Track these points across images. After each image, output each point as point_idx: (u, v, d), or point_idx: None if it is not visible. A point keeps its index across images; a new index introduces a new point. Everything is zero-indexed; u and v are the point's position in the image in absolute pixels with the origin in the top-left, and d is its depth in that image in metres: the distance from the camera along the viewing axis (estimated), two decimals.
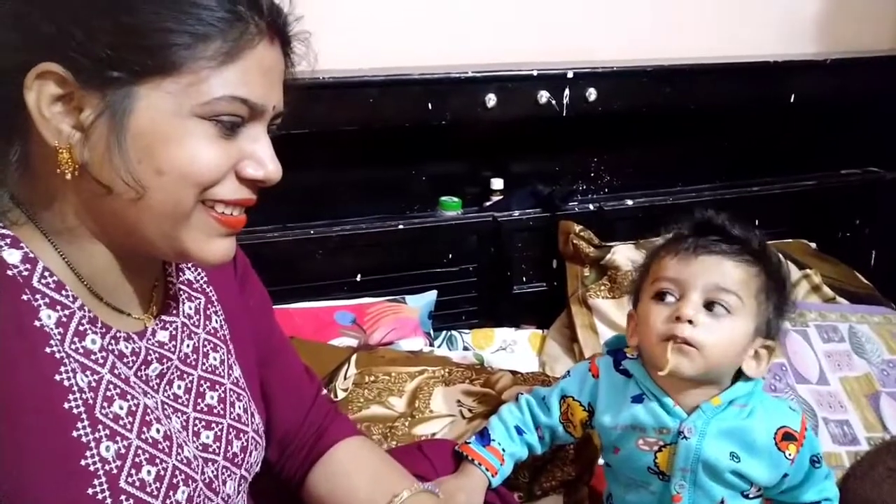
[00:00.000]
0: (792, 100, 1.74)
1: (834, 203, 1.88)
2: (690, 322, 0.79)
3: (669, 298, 0.82)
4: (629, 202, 1.70)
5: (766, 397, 0.88)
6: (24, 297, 0.53)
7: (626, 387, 0.88)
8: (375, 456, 0.84)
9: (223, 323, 0.72)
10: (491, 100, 1.49)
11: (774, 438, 0.83)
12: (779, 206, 1.82)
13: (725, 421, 0.83)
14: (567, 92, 1.55)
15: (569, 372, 0.97)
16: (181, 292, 0.68)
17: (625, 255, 1.55)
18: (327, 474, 0.79)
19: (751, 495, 0.86)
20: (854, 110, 1.89)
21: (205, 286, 0.71)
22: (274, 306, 0.85)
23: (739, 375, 0.85)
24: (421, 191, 1.64)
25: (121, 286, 0.60)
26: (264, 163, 0.57)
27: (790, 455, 0.83)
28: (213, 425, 0.66)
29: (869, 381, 1.37)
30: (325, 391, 0.88)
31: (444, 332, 1.56)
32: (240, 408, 0.70)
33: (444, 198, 1.61)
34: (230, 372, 0.71)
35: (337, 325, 1.43)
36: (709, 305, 0.81)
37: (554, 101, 1.54)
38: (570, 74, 1.54)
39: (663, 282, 0.83)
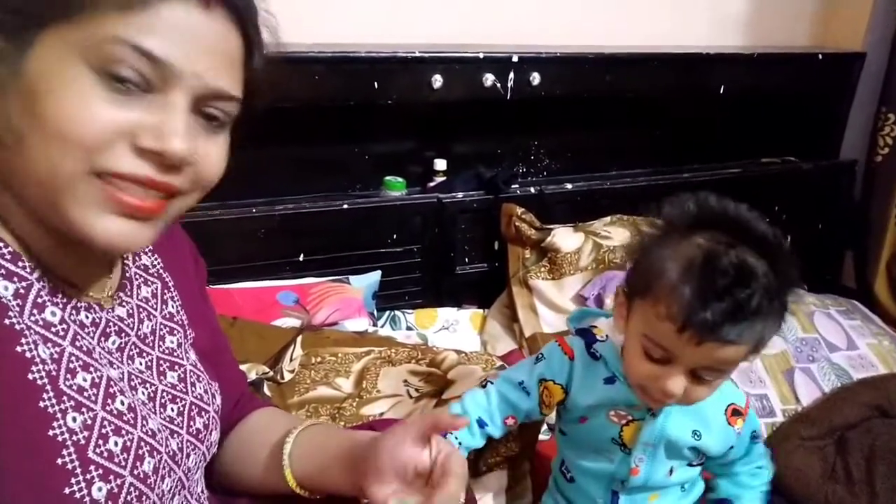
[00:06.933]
0: (721, 91, 1.82)
1: (756, 190, 1.98)
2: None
3: (659, 354, 0.79)
4: (568, 185, 1.74)
5: None
6: None
7: (598, 369, 0.90)
8: (286, 417, 0.84)
9: (179, 308, 0.71)
10: (437, 81, 1.50)
11: (725, 414, 0.90)
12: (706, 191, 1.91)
13: None
14: (512, 75, 1.57)
15: (542, 355, 0.95)
16: (136, 276, 0.67)
17: (564, 238, 1.60)
18: (240, 438, 0.79)
19: (694, 463, 0.93)
20: (774, 102, 2.00)
21: (161, 271, 0.70)
22: (215, 286, 0.83)
23: None
24: (364, 170, 1.63)
25: (73, 264, 0.58)
26: (164, 134, 0.49)
27: (738, 429, 0.90)
28: (178, 400, 0.66)
29: (785, 357, 1.47)
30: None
31: (387, 312, 1.57)
32: (201, 388, 0.70)
33: (388, 178, 1.61)
34: (187, 355, 0.71)
35: (280, 305, 1.41)
36: (695, 373, 0.79)
37: (499, 84, 1.56)
38: (515, 59, 1.55)
39: (656, 348, 0.78)
